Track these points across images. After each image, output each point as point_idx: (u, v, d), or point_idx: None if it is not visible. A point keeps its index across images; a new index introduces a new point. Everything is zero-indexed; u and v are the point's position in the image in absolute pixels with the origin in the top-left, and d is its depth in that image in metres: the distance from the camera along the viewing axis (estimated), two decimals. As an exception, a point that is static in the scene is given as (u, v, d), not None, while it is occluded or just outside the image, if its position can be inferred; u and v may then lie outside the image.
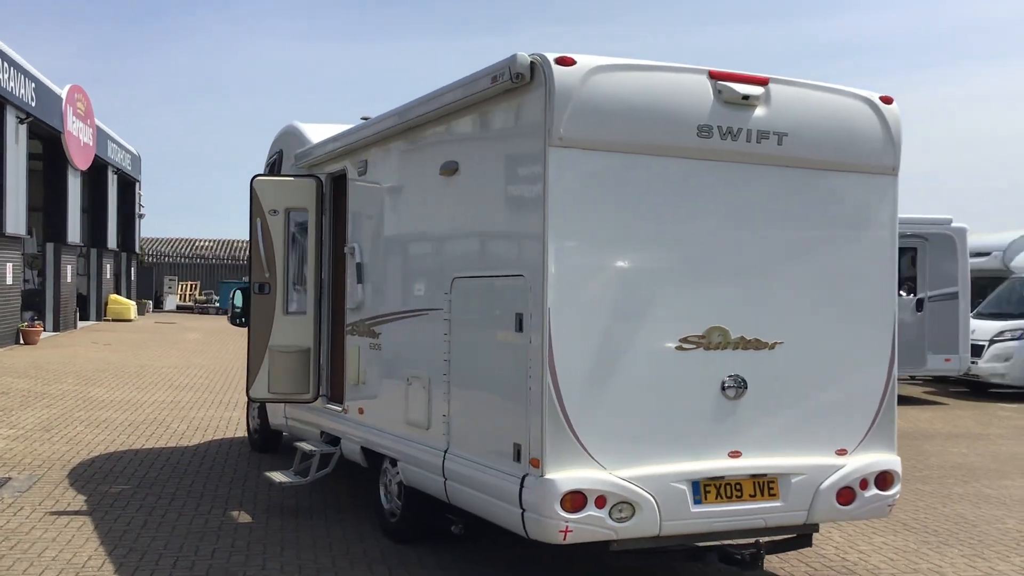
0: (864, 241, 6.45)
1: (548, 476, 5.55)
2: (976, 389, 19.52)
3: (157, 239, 59.23)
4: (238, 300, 11.15)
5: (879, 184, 6.48)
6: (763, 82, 6.07)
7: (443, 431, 6.67)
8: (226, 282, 54.17)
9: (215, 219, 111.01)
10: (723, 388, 5.99)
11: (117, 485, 9.46)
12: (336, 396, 8.96)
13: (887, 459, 6.43)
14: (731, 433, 6.02)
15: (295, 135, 10.00)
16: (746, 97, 5.99)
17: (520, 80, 5.71)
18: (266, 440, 11.22)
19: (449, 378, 6.62)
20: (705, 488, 5.89)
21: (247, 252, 24.20)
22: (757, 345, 6.09)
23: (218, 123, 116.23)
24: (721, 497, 5.93)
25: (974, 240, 19.34)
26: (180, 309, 53.76)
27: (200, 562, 7.06)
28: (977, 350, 18.30)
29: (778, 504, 6.07)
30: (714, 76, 5.95)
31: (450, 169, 6.65)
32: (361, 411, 8.09)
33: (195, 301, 54.96)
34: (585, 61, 5.65)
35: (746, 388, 6.02)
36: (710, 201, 6.02)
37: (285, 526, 8.08)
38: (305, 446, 8.84)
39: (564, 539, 5.58)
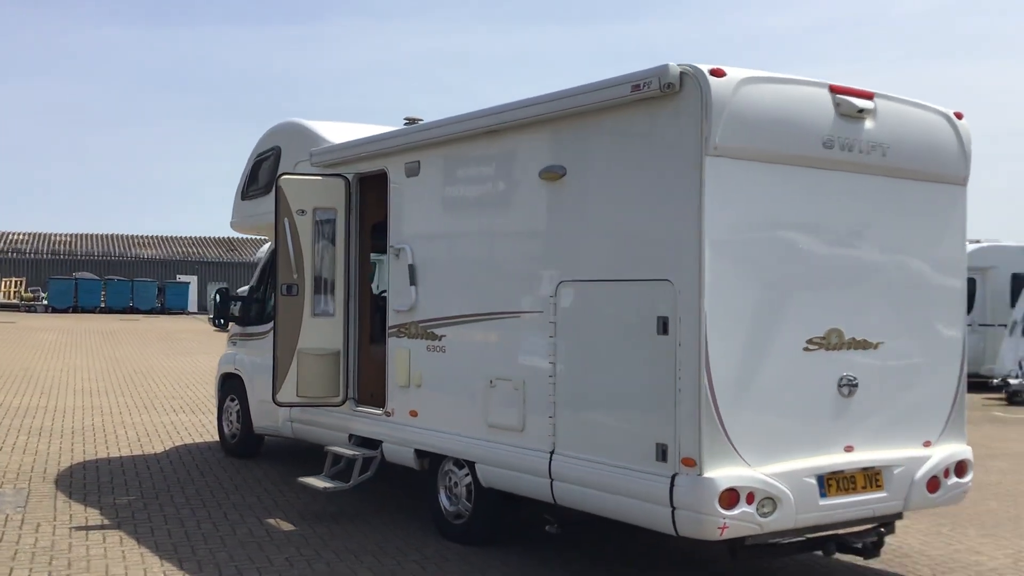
0: (943, 247, 6.90)
1: (707, 475, 5.72)
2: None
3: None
4: (222, 302, 10.82)
5: (954, 194, 6.95)
6: (871, 96, 6.42)
7: (547, 433, 6.73)
8: (56, 279, 51.54)
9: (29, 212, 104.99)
10: (839, 386, 6.31)
11: (120, 496, 9.01)
12: (367, 399, 8.84)
13: (962, 449, 6.91)
14: (845, 429, 6.34)
15: (302, 133, 9.75)
16: (861, 111, 6.33)
17: (669, 90, 5.84)
18: (246, 445, 10.90)
19: (555, 380, 6.69)
20: (828, 482, 6.18)
21: (91, 249, 23.17)
22: (864, 345, 6.44)
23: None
24: (840, 490, 6.24)
25: None
26: (2, 307, 50.76)
27: (281, 571, 6.87)
28: None
29: (883, 495, 6.44)
30: (834, 90, 6.26)
31: (555, 174, 6.71)
32: (414, 414, 8.01)
33: (21, 299, 52.02)
34: (734, 73, 5.84)
35: (857, 386, 6.36)
36: (829, 209, 6.33)
37: (334, 532, 7.93)
38: (340, 450, 8.66)
39: (720, 535, 5.76)
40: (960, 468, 6.86)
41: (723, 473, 5.76)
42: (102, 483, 9.56)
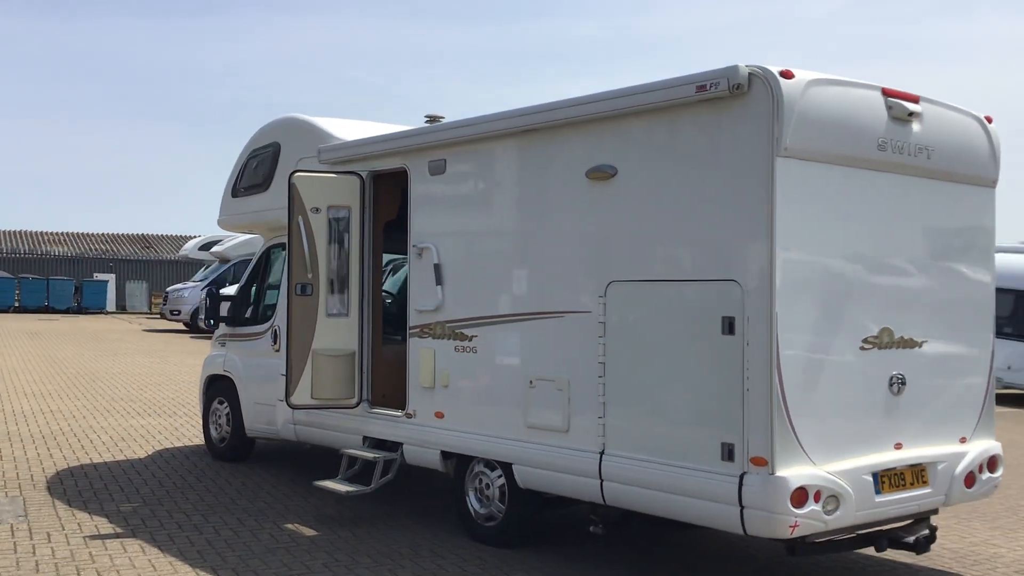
0: (975, 247, 7.08)
1: (779, 474, 5.76)
2: None
3: None
4: (213, 302, 10.56)
5: (986, 196, 7.13)
6: (917, 100, 6.54)
7: (596, 433, 6.71)
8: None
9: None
10: (890, 384, 6.41)
11: (122, 503, 8.72)
12: (379, 400, 8.71)
13: (993, 444, 7.09)
14: (895, 426, 6.46)
15: (306, 129, 9.55)
16: (911, 114, 6.44)
17: (738, 91, 5.87)
18: (236, 449, 10.64)
19: (605, 380, 6.67)
20: (881, 479, 6.29)
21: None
22: (911, 344, 6.56)
23: None
24: (892, 487, 6.35)
25: None
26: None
27: (331, 579, 6.75)
28: None
29: (928, 490, 6.57)
30: (886, 93, 6.36)
31: (605, 173, 6.69)
32: (440, 415, 7.92)
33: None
34: (802, 75, 5.89)
35: (905, 384, 6.48)
36: (881, 210, 6.43)
37: (359, 536, 7.79)
38: (360, 453, 8.52)
39: (791, 533, 5.81)
40: (992, 463, 7.04)
41: (793, 472, 5.81)
42: (97, 490, 9.23)
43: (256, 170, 10.16)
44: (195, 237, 49.23)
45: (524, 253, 7.35)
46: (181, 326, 35.30)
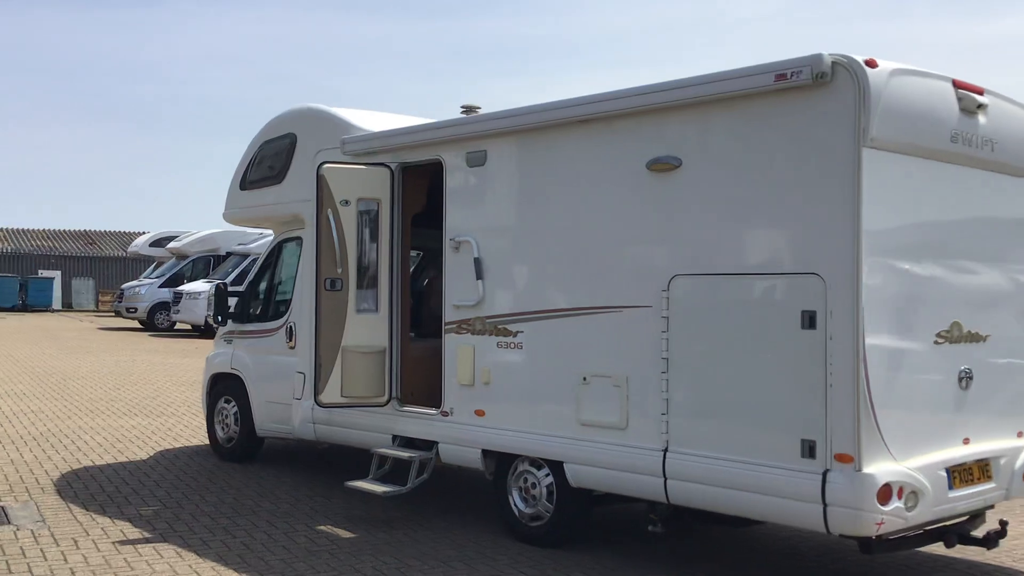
0: (1029, 239, 7.05)
1: (866, 471, 5.66)
2: None
3: None
4: (221, 298, 10.25)
5: (1040, 188, 7.10)
6: (982, 92, 6.48)
7: (659, 430, 6.56)
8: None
9: None
10: (959, 379, 6.35)
11: (141, 507, 8.39)
12: (407, 398, 8.48)
13: (1048, 439, 7.07)
14: (963, 421, 6.40)
15: (326, 119, 9.26)
16: (979, 106, 6.38)
17: (822, 80, 5.75)
18: (245, 449, 10.33)
19: (669, 376, 6.52)
20: (952, 474, 6.22)
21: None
22: (977, 338, 6.51)
23: None
24: (962, 482, 6.29)
25: None
26: None
27: (388, 584, 6.52)
28: None
29: (992, 485, 6.52)
30: (956, 84, 6.29)
31: (668, 165, 6.54)
32: (481, 413, 7.71)
33: None
34: (884, 64, 5.80)
35: (972, 379, 6.42)
36: (951, 203, 6.38)
37: (398, 538, 7.56)
38: (395, 453, 8.28)
39: (877, 531, 5.72)
40: (1046, 456, 7.02)
41: (879, 468, 5.71)
42: (110, 493, 8.88)
43: (268, 162, 9.86)
44: (142, 233, 48.34)
45: (576, 246, 7.16)
46: (137, 324, 34.52)
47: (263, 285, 10.31)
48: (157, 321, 33.21)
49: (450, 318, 7.99)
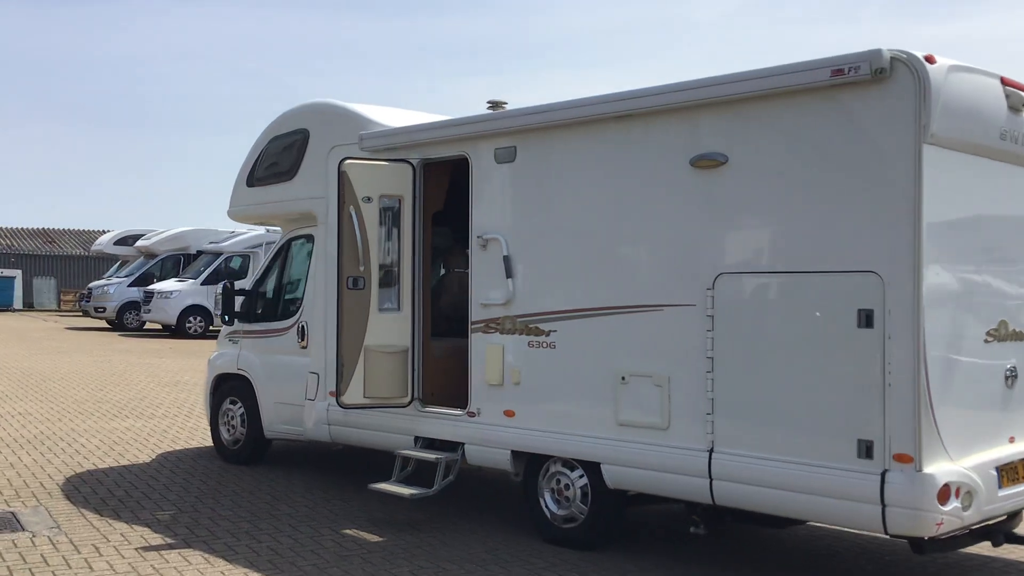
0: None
1: (926, 471, 5.61)
2: None
3: None
4: (229, 297, 10.03)
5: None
6: (1024, 88, 6.46)
7: (703, 430, 6.47)
8: None
9: None
10: (1006, 377, 6.32)
11: (157, 511, 8.17)
12: (429, 398, 8.33)
13: (1083, 438, 7.06)
14: (1008, 419, 6.38)
15: (341, 115, 9.08)
16: (1025, 104, 6.36)
17: (881, 75, 5.69)
18: (252, 451, 10.12)
19: (714, 376, 6.43)
20: (1001, 472, 6.19)
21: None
22: (1021, 336, 6.48)
23: None
24: (1010, 480, 6.25)
25: None
26: None
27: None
28: None
29: (1035, 484, 6.50)
30: (1004, 82, 6.26)
31: (714, 161, 6.45)
32: (511, 414, 7.58)
33: None
34: (942, 60, 5.74)
35: (1016, 377, 6.40)
36: (999, 200, 6.35)
37: (428, 542, 7.41)
38: (420, 455, 8.12)
39: (936, 531, 5.66)
40: (1084, 455, 7.01)
41: (939, 469, 5.67)
42: (121, 497, 8.65)
43: (278, 158, 9.65)
44: (104, 232, 47.57)
45: (614, 244, 7.05)
46: (105, 324, 33.94)
47: (271, 284, 10.11)
48: (126, 321, 32.67)
49: (477, 317, 7.85)
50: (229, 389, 10.30)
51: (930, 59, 5.67)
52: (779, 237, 6.23)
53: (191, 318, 29.65)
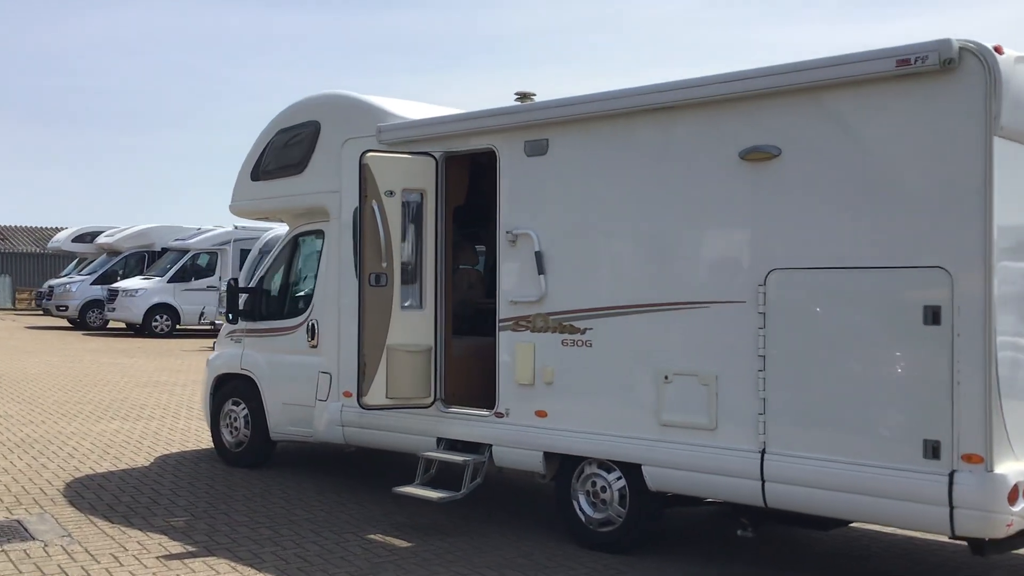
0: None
1: (997, 471, 5.47)
2: None
3: None
4: (234, 295, 9.71)
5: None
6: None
7: (755, 431, 6.30)
8: None
9: None
10: (1061, 375, 6.21)
11: (170, 517, 7.85)
12: (451, 399, 8.09)
13: None
14: (1063, 418, 6.25)
15: (355, 106, 8.79)
16: (1080, 96, 6.24)
17: (949, 66, 5.54)
18: (257, 454, 9.80)
19: (766, 375, 6.26)
20: None
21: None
22: (1074, 334, 6.37)
23: None
24: (1055, 480, 6.14)
25: None
26: None
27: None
28: None
29: (1085, 482, 6.40)
30: (1055, 72, 6.14)
31: (766, 154, 6.27)
32: (543, 414, 7.36)
33: None
34: (1009, 51, 5.61)
35: (1070, 375, 6.29)
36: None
37: (460, 546, 7.17)
38: (446, 457, 7.86)
39: (1007, 532, 5.53)
40: None
41: (1009, 469, 5.53)
42: (128, 503, 8.30)
43: (286, 151, 9.34)
44: (59, 229, 46.63)
45: (655, 239, 6.85)
46: (66, 323, 33.19)
47: (277, 281, 9.79)
48: (89, 320, 31.95)
49: (505, 315, 7.61)
50: (231, 390, 9.97)
51: (998, 49, 5.53)
52: (837, 231, 6.06)
53: (157, 316, 29.05)
